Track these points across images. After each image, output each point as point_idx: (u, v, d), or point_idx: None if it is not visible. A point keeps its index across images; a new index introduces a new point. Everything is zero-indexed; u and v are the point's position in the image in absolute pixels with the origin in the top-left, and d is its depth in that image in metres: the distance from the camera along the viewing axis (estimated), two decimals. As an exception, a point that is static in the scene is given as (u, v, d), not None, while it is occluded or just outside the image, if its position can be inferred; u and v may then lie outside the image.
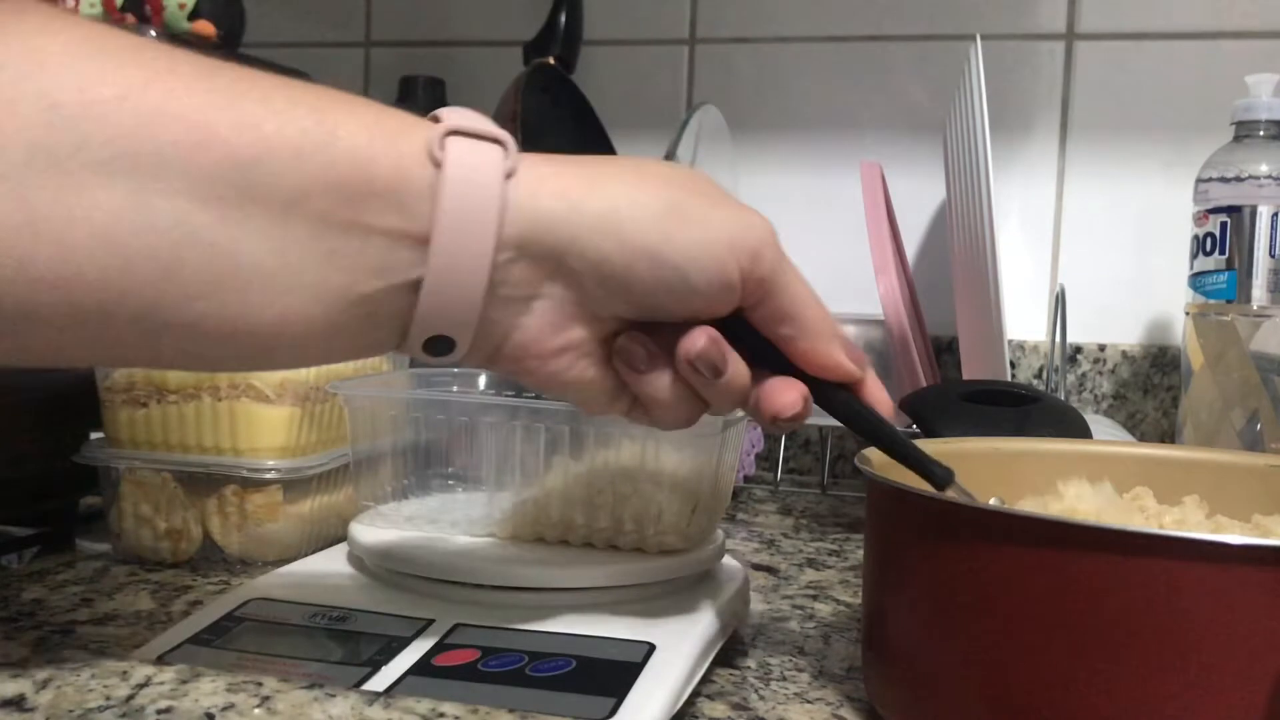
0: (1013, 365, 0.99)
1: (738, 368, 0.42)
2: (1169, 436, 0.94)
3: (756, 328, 0.42)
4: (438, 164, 0.37)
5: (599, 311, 0.41)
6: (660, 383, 0.42)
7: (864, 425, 0.45)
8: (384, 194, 0.36)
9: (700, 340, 0.40)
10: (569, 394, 0.43)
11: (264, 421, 0.61)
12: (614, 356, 0.42)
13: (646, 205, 0.39)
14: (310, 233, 0.36)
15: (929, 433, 0.65)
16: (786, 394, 0.43)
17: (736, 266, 0.40)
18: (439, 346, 0.40)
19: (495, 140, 0.39)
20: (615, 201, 0.39)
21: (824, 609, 0.59)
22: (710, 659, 0.47)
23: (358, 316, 0.38)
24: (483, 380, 0.65)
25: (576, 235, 0.39)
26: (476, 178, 0.38)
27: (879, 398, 0.45)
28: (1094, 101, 0.98)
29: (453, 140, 0.38)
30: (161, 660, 0.43)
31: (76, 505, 0.68)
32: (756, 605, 0.59)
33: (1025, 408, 0.65)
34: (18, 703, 0.38)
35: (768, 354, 0.43)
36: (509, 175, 0.39)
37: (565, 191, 0.39)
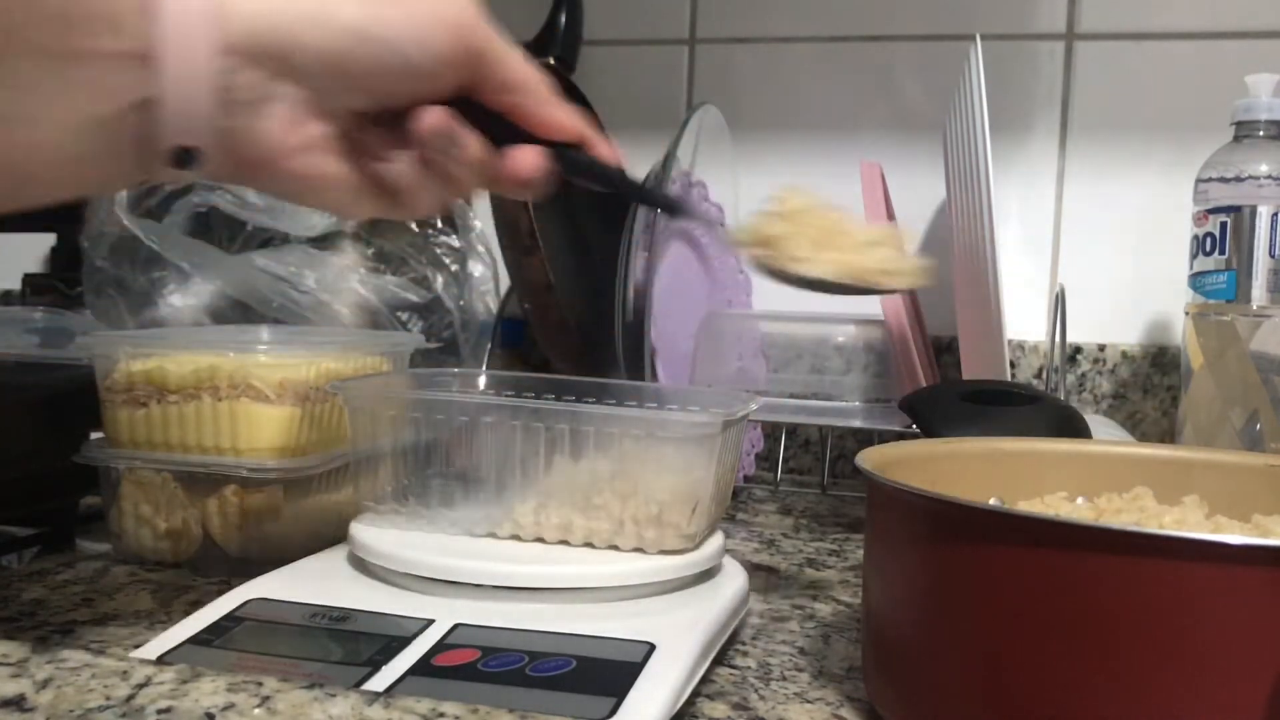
0: (1012, 365, 0.99)
1: (474, 141, 0.46)
2: (1169, 436, 0.94)
3: (486, 104, 0.46)
4: None
5: (332, 105, 0.43)
6: (403, 167, 0.45)
7: (600, 175, 0.51)
8: (101, 17, 0.37)
9: (431, 115, 0.44)
10: (319, 197, 0.45)
11: (264, 421, 0.61)
12: (354, 149, 0.45)
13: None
14: (35, 64, 0.37)
15: (929, 433, 0.65)
16: (527, 157, 0.47)
17: (447, 39, 0.44)
18: (184, 159, 0.41)
19: None
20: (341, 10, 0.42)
21: (824, 609, 0.59)
22: (710, 659, 0.47)
23: (100, 140, 0.39)
24: (483, 380, 0.65)
25: (293, 31, 0.41)
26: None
27: (608, 154, 0.50)
28: (1094, 102, 0.98)
29: None
30: (162, 660, 0.44)
31: (76, 505, 0.68)
32: (756, 605, 0.59)
33: (1025, 408, 0.65)
34: (18, 702, 0.38)
35: (503, 131, 0.47)
36: None
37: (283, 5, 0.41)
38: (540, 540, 0.54)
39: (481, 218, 0.91)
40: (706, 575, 0.54)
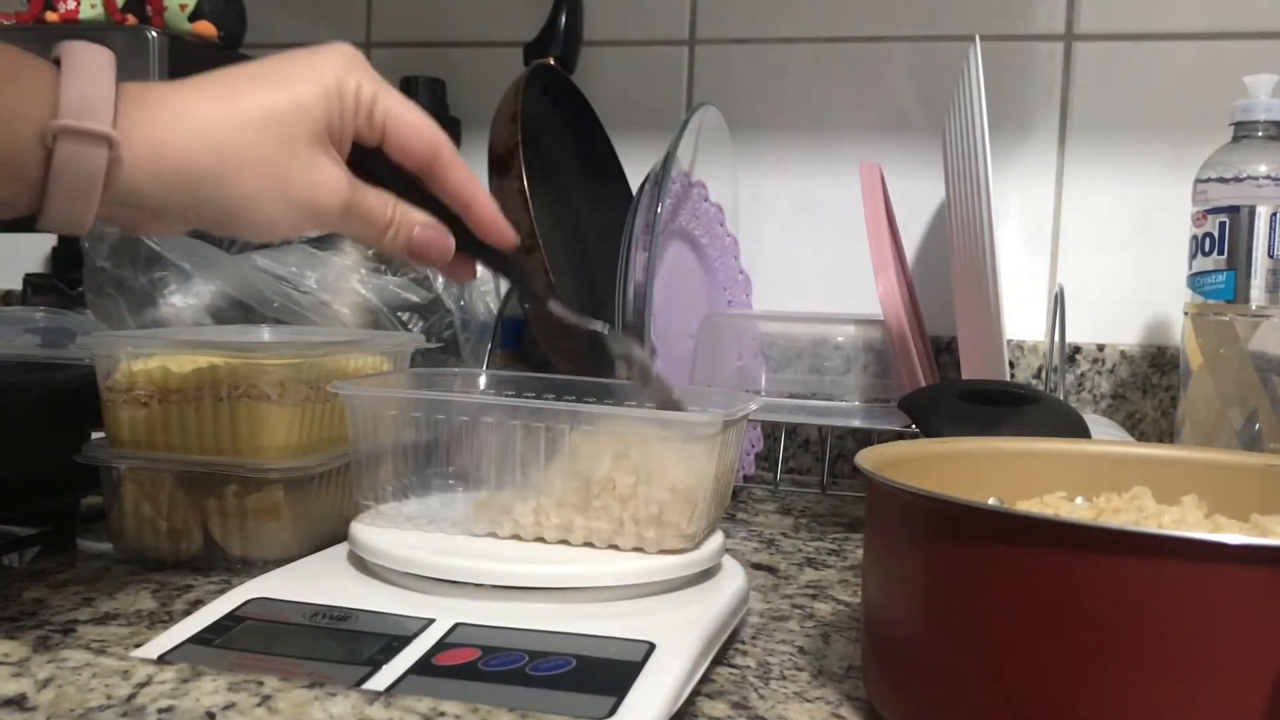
0: (1012, 365, 0.99)
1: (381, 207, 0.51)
2: (1168, 436, 0.94)
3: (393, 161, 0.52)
4: (48, 150, 0.43)
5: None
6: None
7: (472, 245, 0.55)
8: (4, 164, 0.43)
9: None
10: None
11: (265, 421, 0.61)
12: None
13: (223, 191, 0.46)
14: None
15: (929, 432, 0.65)
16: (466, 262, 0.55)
17: (312, 225, 0.50)
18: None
19: (102, 137, 0.44)
20: (201, 186, 0.46)
21: (824, 608, 0.59)
22: (710, 658, 0.47)
23: None
24: (483, 380, 0.65)
25: (166, 207, 0.46)
26: (81, 171, 0.43)
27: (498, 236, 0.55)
28: (1093, 102, 0.98)
29: (62, 140, 0.43)
30: (162, 660, 0.44)
31: (78, 505, 0.68)
32: (756, 605, 0.59)
33: (1024, 408, 0.65)
34: (19, 702, 0.38)
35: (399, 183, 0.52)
36: (112, 162, 0.44)
37: (160, 175, 0.45)
38: (540, 540, 0.54)
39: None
40: (706, 575, 0.54)
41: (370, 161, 0.51)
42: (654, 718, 0.39)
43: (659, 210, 0.80)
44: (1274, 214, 0.81)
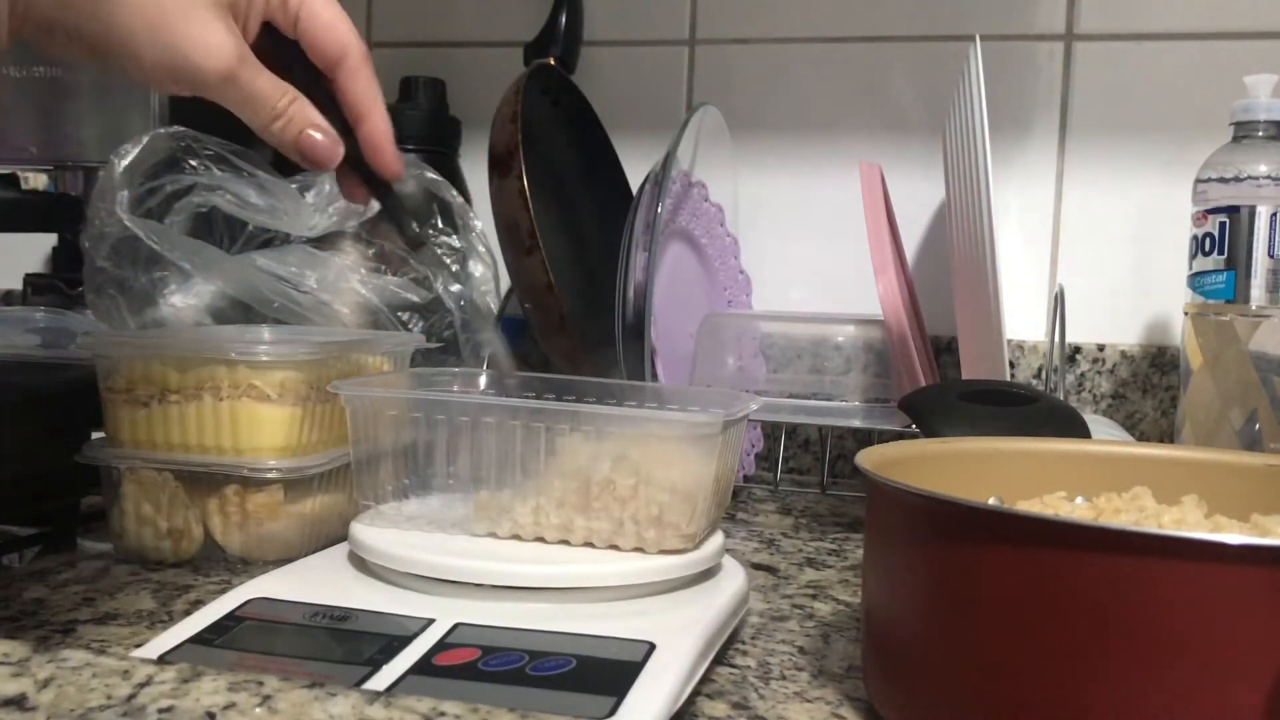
0: (1012, 365, 0.99)
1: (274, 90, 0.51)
2: (1168, 436, 0.94)
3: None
4: None
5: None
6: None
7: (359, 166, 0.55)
8: None
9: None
10: None
11: (265, 421, 0.61)
12: None
13: (101, 21, 0.46)
14: None
15: (929, 432, 0.65)
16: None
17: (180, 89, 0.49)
18: None
19: None
20: (83, 10, 0.46)
21: (824, 608, 0.59)
22: (710, 658, 0.47)
23: None
24: (483, 380, 0.65)
25: (59, 27, 0.46)
26: None
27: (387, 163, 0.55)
28: (1093, 102, 0.98)
29: None
30: (163, 659, 0.44)
31: (78, 505, 0.68)
32: (756, 605, 0.59)
33: (1024, 408, 0.65)
34: (19, 702, 0.38)
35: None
36: None
37: None
38: (540, 540, 0.54)
39: (482, 218, 0.91)
40: (706, 575, 0.54)
41: (288, 55, 0.52)
42: (654, 718, 0.39)
43: (659, 210, 0.80)
44: (1274, 214, 0.81)
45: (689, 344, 0.90)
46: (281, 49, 0.52)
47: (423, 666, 0.43)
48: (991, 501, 0.49)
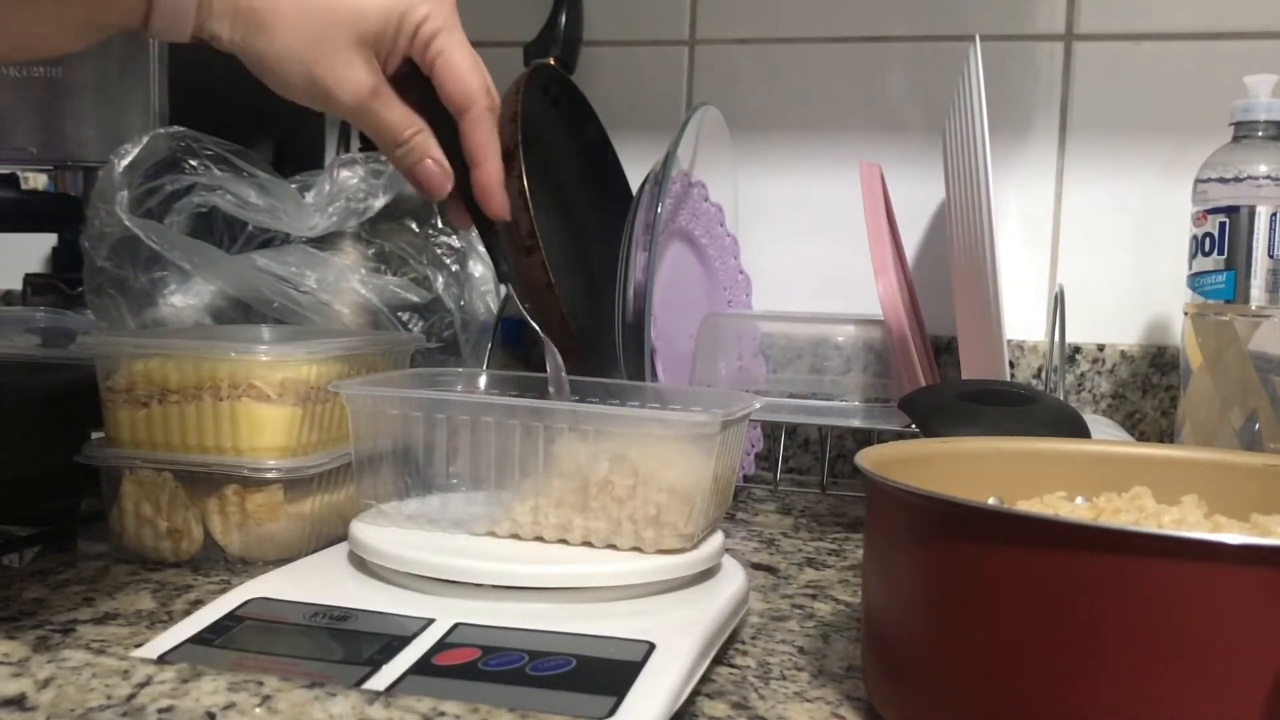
0: (1012, 365, 0.99)
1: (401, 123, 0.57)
2: (1168, 436, 0.94)
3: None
4: None
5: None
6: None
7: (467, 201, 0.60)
8: None
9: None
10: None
11: (265, 421, 0.61)
12: None
13: (262, 40, 0.52)
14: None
15: (929, 432, 0.65)
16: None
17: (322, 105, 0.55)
18: None
19: None
20: (251, 28, 0.52)
21: (824, 608, 0.59)
22: (710, 658, 0.47)
23: (89, 37, 0.49)
24: (484, 380, 0.65)
25: (228, 36, 0.52)
26: None
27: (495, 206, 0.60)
28: (1093, 102, 0.98)
29: None
30: (162, 659, 0.44)
31: (78, 505, 0.68)
32: (756, 605, 0.59)
33: (1024, 408, 0.65)
34: (19, 701, 0.38)
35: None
36: None
37: (231, 7, 0.51)
38: (540, 540, 0.54)
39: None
40: (706, 575, 0.54)
41: (425, 89, 0.57)
42: (654, 718, 0.39)
43: (659, 210, 0.80)
44: (1274, 214, 0.81)
45: (689, 344, 0.90)
46: (420, 83, 0.57)
47: (423, 666, 0.43)
48: (991, 501, 0.49)
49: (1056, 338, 0.88)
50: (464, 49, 0.57)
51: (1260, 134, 0.82)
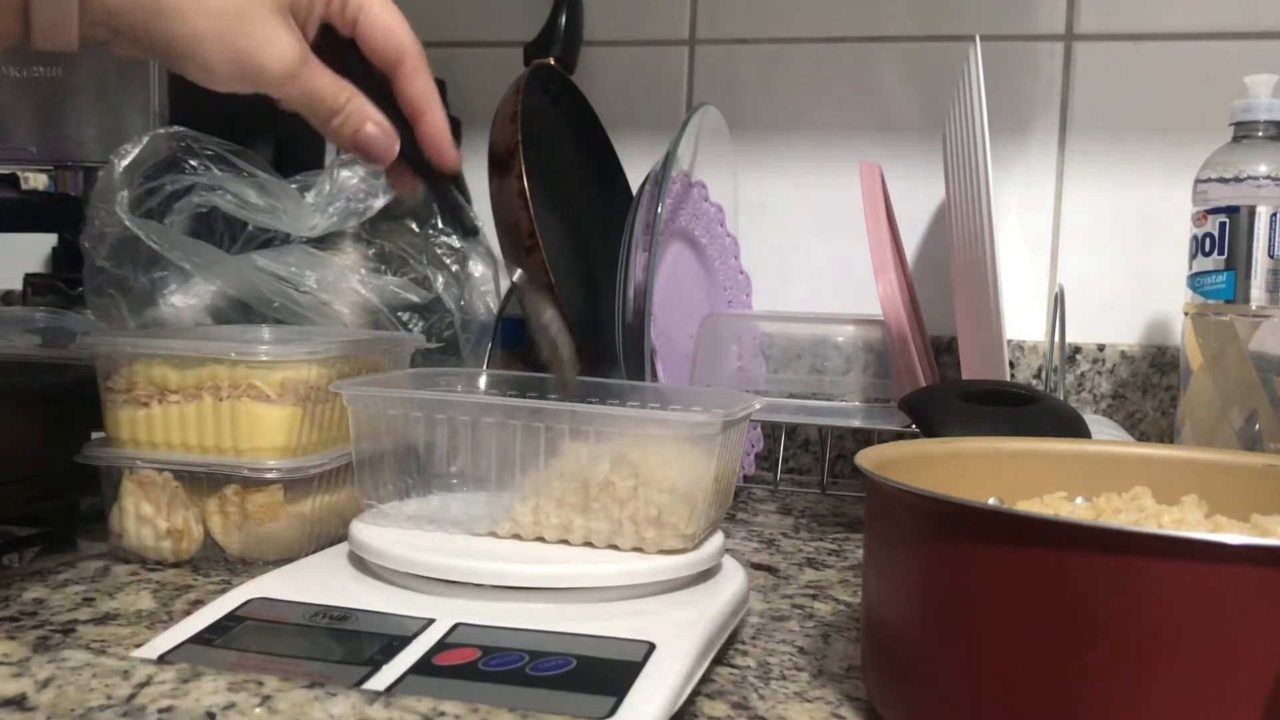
0: (1012, 365, 0.99)
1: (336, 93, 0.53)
2: (1168, 436, 0.94)
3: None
4: None
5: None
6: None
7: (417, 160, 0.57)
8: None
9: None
10: None
11: (265, 421, 0.61)
12: None
13: (171, 25, 0.49)
14: None
15: (929, 432, 0.65)
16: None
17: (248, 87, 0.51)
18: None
19: None
20: (153, 14, 0.48)
21: (824, 608, 0.59)
22: (710, 658, 0.47)
23: None
24: (483, 380, 0.65)
25: (128, 28, 0.48)
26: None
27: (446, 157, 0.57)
28: (1093, 102, 0.98)
29: None
30: (163, 659, 0.44)
31: (78, 505, 0.68)
32: (756, 605, 0.59)
33: (1024, 408, 0.65)
34: (19, 702, 0.38)
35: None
36: None
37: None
38: (540, 540, 0.54)
39: (481, 218, 0.91)
40: (706, 575, 0.54)
41: (343, 52, 0.54)
42: (654, 718, 0.39)
43: (659, 210, 0.80)
44: (1274, 214, 0.81)
45: (689, 344, 0.90)
46: (340, 49, 0.54)
47: (423, 666, 0.43)
48: (991, 501, 0.49)
49: (1056, 338, 0.88)
50: (383, 1, 0.54)
51: (1260, 134, 0.82)
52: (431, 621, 0.46)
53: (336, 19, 0.53)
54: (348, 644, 0.45)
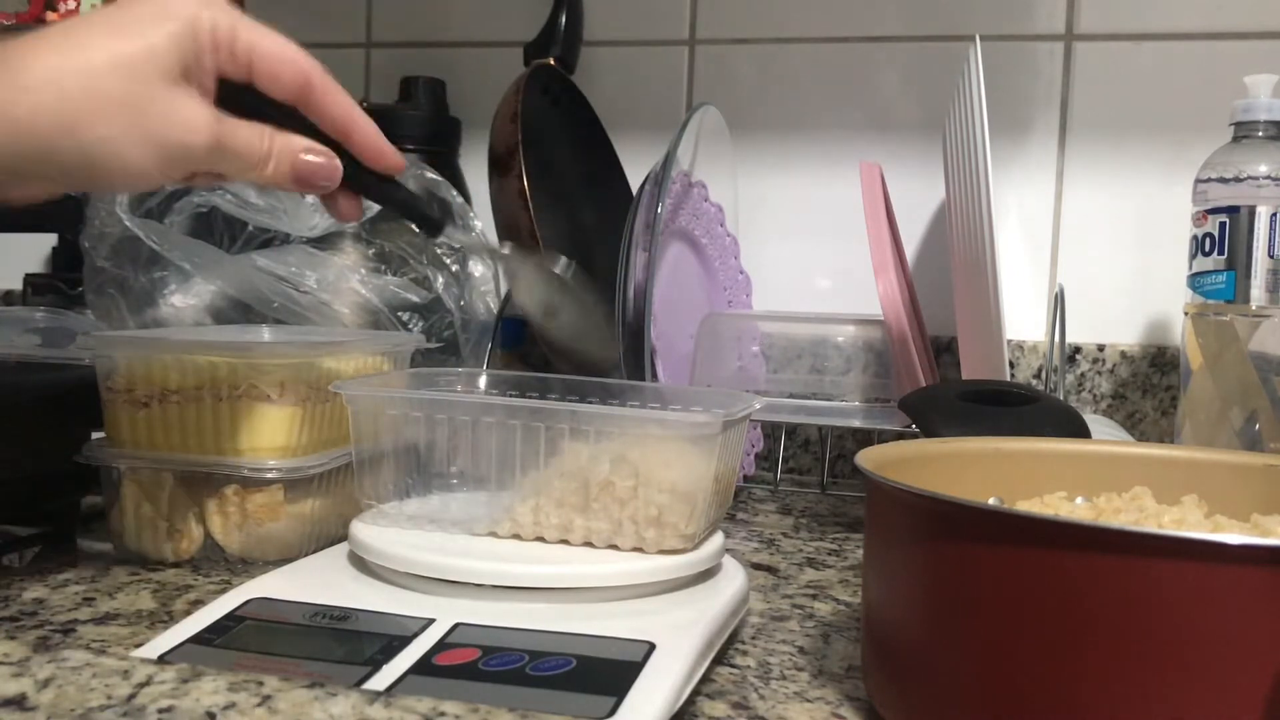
0: (1012, 365, 0.99)
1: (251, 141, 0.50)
2: (1168, 436, 0.94)
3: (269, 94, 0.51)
4: None
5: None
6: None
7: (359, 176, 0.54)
8: None
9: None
10: None
11: (265, 421, 0.61)
12: None
13: (78, 140, 0.45)
14: None
15: (929, 433, 0.65)
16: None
17: (155, 164, 0.48)
18: None
19: None
20: (54, 138, 0.45)
21: (824, 608, 0.59)
22: (710, 658, 0.47)
23: None
24: (483, 380, 0.65)
25: (24, 167, 0.46)
26: None
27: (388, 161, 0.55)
28: (1093, 102, 0.98)
29: None
30: (163, 659, 0.44)
31: (78, 505, 0.68)
32: (756, 605, 0.59)
33: (1024, 408, 0.65)
34: (19, 702, 0.38)
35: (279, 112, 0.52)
36: None
37: (11, 135, 0.45)
38: (540, 540, 0.54)
39: (482, 218, 0.91)
40: (706, 575, 0.54)
41: (246, 98, 0.51)
42: (654, 718, 0.39)
43: (659, 210, 0.80)
44: (1274, 214, 0.81)
45: (689, 344, 0.90)
46: (243, 98, 0.51)
47: (423, 666, 0.43)
48: (991, 501, 0.49)
49: (1056, 338, 0.88)
50: (264, 30, 0.51)
51: (1260, 134, 0.82)
52: (431, 621, 0.46)
53: (229, 67, 0.50)
54: (348, 644, 0.45)
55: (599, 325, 0.58)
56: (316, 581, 0.52)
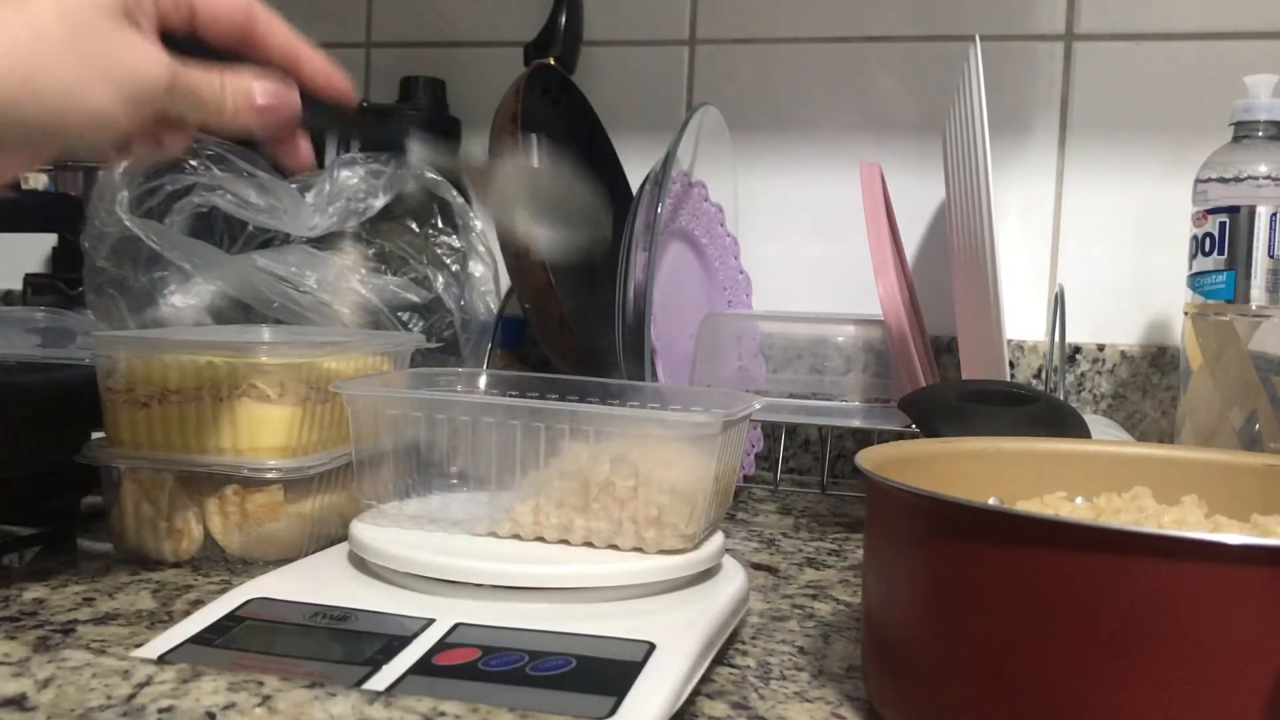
0: (1012, 365, 0.99)
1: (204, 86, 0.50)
2: (1168, 436, 0.94)
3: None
4: None
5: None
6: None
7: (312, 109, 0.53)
8: None
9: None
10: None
11: (265, 421, 0.61)
12: None
13: (39, 92, 0.44)
14: None
15: (929, 432, 0.65)
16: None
17: (121, 107, 0.46)
18: None
19: None
20: (15, 93, 0.44)
21: (824, 608, 0.59)
22: (710, 658, 0.47)
23: None
24: (483, 380, 0.65)
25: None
26: None
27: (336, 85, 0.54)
28: (1093, 102, 0.98)
29: None
30: (163, 660, 0.44)
31: (78, 505, 0.68)
32: (756, 605, 0.59)
33: (1024, 408, 0.65)
34: (19, 702, 0.38)
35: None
36: None
37: None
38: (540, 540, 0.54)
39: (481, 217, 0.91)
40: (706, 575, 0.54)
41: (196, 50, 0.50)
42: (654, 718, 0.39)
43: (659, 210, 0.80)
44: (1274, 214, 0.81)
45: (689, 344, 0.90)
46: (188, 48, 0.50)
47: (423, 666, 0.43)
48: (991, 501, 0.49)
49: (1056, 338, 0.88)
50: None
51: (1260, 134, 0.82)
52: (431, 621, 0.46)
53: (172, 16, 0.49)
54: (348, 644, 0.45)
55: (586, 204, 0.57)
56: (316, 581, 0.52)
